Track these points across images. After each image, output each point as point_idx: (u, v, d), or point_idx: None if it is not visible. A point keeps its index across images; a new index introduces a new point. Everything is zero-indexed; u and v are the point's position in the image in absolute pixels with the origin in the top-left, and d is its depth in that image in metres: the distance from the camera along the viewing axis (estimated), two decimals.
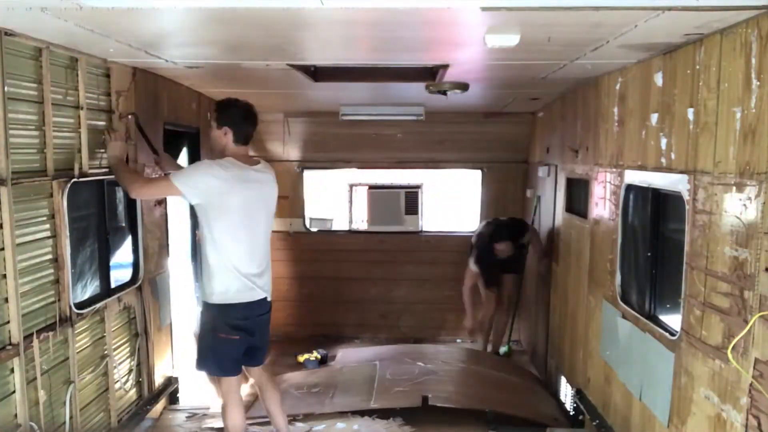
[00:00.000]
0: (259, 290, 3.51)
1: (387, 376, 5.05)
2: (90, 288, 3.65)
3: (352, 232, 7.20)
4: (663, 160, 3.04)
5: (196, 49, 3.38)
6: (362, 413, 4.54)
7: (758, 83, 2.23)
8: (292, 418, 4.41)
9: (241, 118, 3.47)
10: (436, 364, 5.36)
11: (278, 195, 3.70)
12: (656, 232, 3.29)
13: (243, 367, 3.68)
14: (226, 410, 3.59)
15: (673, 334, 2.91)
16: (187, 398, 4.92)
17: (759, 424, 2.20)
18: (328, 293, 6.82)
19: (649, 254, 3.32)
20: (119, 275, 4.06)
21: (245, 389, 4.57)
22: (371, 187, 6.97)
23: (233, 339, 3.47)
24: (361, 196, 7.05)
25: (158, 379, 4.46)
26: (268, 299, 3.60)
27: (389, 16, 2.51)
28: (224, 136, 3.46)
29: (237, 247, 3.43)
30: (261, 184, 3.52)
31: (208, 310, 3.53)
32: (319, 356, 6.01)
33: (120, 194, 4.05)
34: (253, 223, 3.48)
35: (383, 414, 4.56)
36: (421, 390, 4.75)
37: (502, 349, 6.41)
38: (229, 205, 3.37)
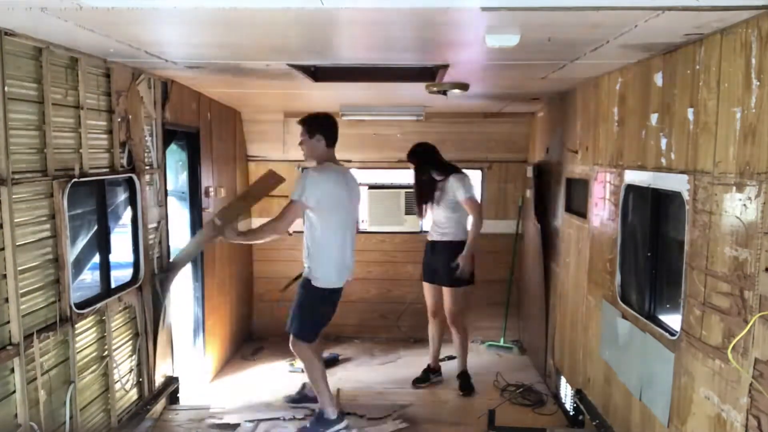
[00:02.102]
0: (347, 281, 4.33)
1: None
2: (90, 288, 3.66)
3: None
4: (663, 160, 3.04)
5: (196, 49, 3.38)
6: None
7: (758, 83, 2.23)
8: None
9: (329, 124, 4.21)
10: None
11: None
12: (656, 232, 3.29)
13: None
14: (315, 365, 4.33)
15: (673, 334, 2.91)
16: (187, 398, 4.92)
17: (759, 424, 2.20)
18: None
19: (649, 254, 3.32)
20: (119, 275, 4.07)
21: None
22: (371, 187, 6.96)
23: (329, 311, 4.33)
24: (361, 196, 7.04)
25: (158, 379, 4.46)
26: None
27: (389, 16, 2.51)
28: (319, 143, 4.17)
29: (338, 241, 4.15)
30: (354, 184, 4.36)
31: (311, 289, 4.18)
32: None
33: (120, 194, 4.06)
34: (349, 218, 4.28)
35: None
36: None
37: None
38: (331, 203, 4.09)
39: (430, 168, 5.29)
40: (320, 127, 4.18)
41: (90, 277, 3.93)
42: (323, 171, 4.14)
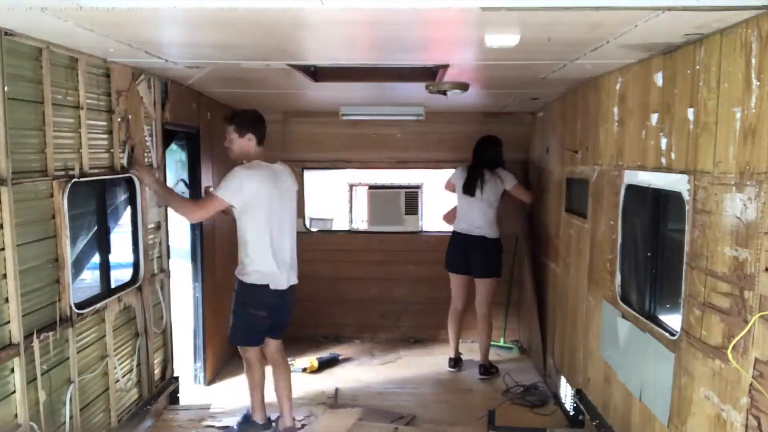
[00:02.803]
0: (284, 283, 4.06)
1: None
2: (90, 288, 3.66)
3: (352, 232, 7.19)
4: (663, 160, 3.04)
5: (196, 49, 3.38)
6: None
7: (758, 83, 2.23)
8: None
9: (257, 122, 4.05)
10: None
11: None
12: (656, 232, 3.29)
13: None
14: (251, 369, 4.22)
15: (673, 334, 2.91)
16: (187, 398, 4.92)
17: (759, 424, 2.20)
18: (328, 293, 6.82)
19: (649, 254, 3.32)
20: (119, 275, 4.07)
21: None
22: (371, 187, 6.96)
23: (262, 315, 4.04)
24: (361, 196, 7.04)
25: (158, 379, 4.47)
26: (294, 284, 4.15)
27: (389, 16, 2.51)
28: (248, 142, 4.02)
29: (268, 238, 3.97)
30: (283, 181, 4.11)
31: (242, 287, 4.05)
32: (316, 364, 5.83)
33: (120, 194, 4.06)
34: (281, 215, 4.05)
35: None
36: None
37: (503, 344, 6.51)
38: (260, 201, 3.92)
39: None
40: (250, 126, 4.00)
41: (90, 277, 3.93)
42: (250, 169, 3.94)
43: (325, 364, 5.93)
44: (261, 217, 3.95)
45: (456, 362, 5.95)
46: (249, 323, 4.08)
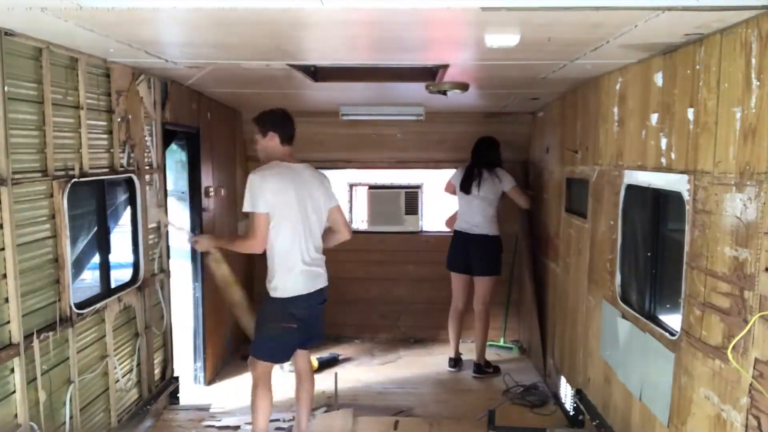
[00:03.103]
0: (315, 284, 3.81)
1: None
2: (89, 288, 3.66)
3: (352, 232, 7.19)
4: (663, 160, 3.04)
5: (196, 49, 3.38)
6: None
7: (758, 83, 2.23)
8: None
9: (282, 120, 3.81)
10: None
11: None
12: (656, 232, 3.29)
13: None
14: (257, 392, 3.87)
15: (673, 334, 2.91)
16: (187, 398, 4.92)
17: (759, 424, 2.20)
18: (329, 293, 6.81)
19: (649, 254, 3.32)
20: (119, 275, 4.07)
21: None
22: (371, 187, 6.96)
23: (293, 328, 3.74)
24: (361, 196, 7.04)
25: (158, 379, 4.47)
26: (324, 288, 3.89)
27: (389, 16, 2.51)
28: (271, 141, 3.78)
29: (291, 241, 3.69)
30: (307, 181, 3.82)
31: (269, 301, 3.77)
32: (316, 364, 5.77)
33: (120, 194, 4.06)
34: (304, 216, 3.74)
35: None
36: None
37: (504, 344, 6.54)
38: (280, 203, 3.64)
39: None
40: (273, 123, 3.79)
41: (90, 277, 3.93)
42: (264, 174, 3.66)
43: (325, 364, 5.93)
44: (284, 225, 3.67)
45: (456, 362, 5.95)
46: (273, 337, 3.77)
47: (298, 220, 3.70)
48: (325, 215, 3.90)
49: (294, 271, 3.71)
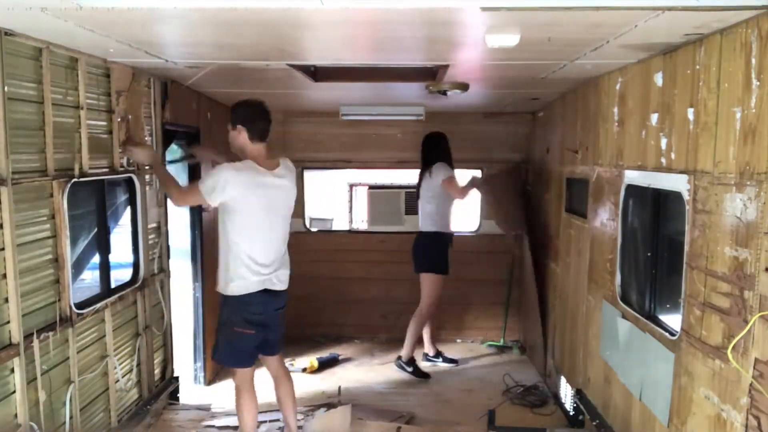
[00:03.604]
0: (274, 283, 3.66)
1: None
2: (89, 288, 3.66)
3: (352, 232, 7.20)
4: (663, 160, 3.04)
5: (196, 49, 3.38)
6: None
7: (758, 83, 2.23)
8: None
9: (253, 114, 3.62)
10: None
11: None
12: (656, 232, 3.29)
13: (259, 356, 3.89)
14: (239, 400, 3.80)
15: (673, 334, 2.91)
16: (187, 398, 4.92)
17: (759, 424, 2.20)
18: (328, 293, 6.82)
19: (649, 254, 3.32)
20: (119, 275, 4.07)
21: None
22: (371, 187, 6.97)
23: (248, 333, 3.64)
24: (361, 196, 7.04)
25: (158, 379, 4.47)
26: (283, 291, 3.76)
27: (389, 16, 2.51)
28: (239, 135, 3.61)
29: (250, 244, 3.57)
30: (276, 189, 3.65)
31: (226, 303, 3.67)
32: (316, 364, 5.84)
33: (120, 194, 4.06)
34: (266, 224, 3.62)
35: None
36: None
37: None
38: (242, 207, 3.54)
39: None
40: (243, 117, 3.61)
41: (90, 277, 3.93)
42: (239, 171, 3.52)
43: (325, 364, 5.94)
44: (244, 225, 3.56)
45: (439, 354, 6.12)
46: (235, 343, 3.66)
47: (256, 225, 3.58)
48: (289, 218, 3.81)
49: (250, 271, 3.57)
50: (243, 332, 3.63)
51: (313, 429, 4.39)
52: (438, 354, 6.08)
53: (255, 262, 3.58)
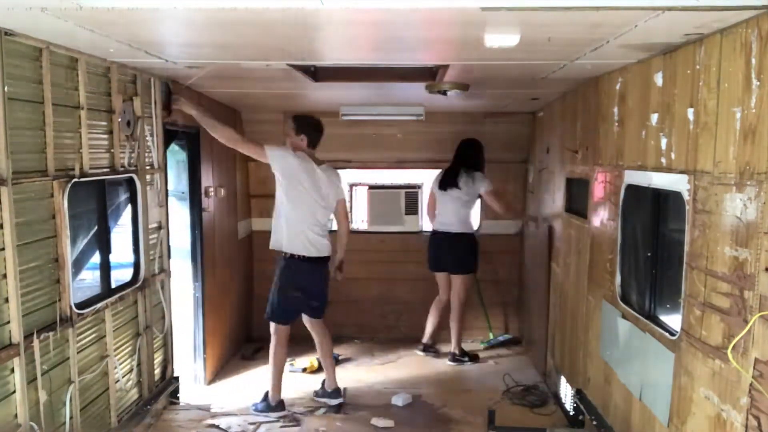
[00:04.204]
0: (319, 250, 4.62)
1: None
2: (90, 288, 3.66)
3: (352, 232, 7.17)
4: (663, 160, 3.04)
5: (196, 49, 3.38)
6: None
7: (758, 83, 2.23)
8: None
9: (314, 130, 4.65)
10: None
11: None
12: (656, 232, 3.29)
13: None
14: (276, 349, 4.74)
15: (673, 334, 2.91)
16: (187, 398, 4.92)
17: (759, 424, 2.20)
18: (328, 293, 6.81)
19: (649, 254, 3.32)
20: (120, 275, 4.07)
21: None
22: (371, 187, 6.96)
23: (296, 296, 4.63)
24: (361, 196, 7.04)
25: (158, 379, 4.47)
26: (326, 258, 4.70)
27: (389, 16, 2.51)
28: (301, 142, 4.60)
29: (302, 212, 4.52)
30: (320, 178, 4.60)
31: (280, 265, 4.63)
32: (316, 364, 5.82)
33: (120, 194, 4.06)
34: (312, 200, 4.56)
35: None
36: None
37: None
38: (297, 181, 4.48)
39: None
40: (306, 129, 4.61)
41: (90, 277, 3.93)
42: (296, 154, 4.52)
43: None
44: (292, 197, 4.48)
45: (427, 348, 6.29)
46: (282, 299, 4.61)
47: (305, 201, 4.51)
48: (332, 205, 4.71)
49: (297, 237, 4.51)
50: (291, 287, 4.59)
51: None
52: (464, 353, 6.18)
53: (301, 235, 4.51)
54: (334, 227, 4.95)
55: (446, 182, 5.95)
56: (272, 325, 4.73)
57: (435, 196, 6.13)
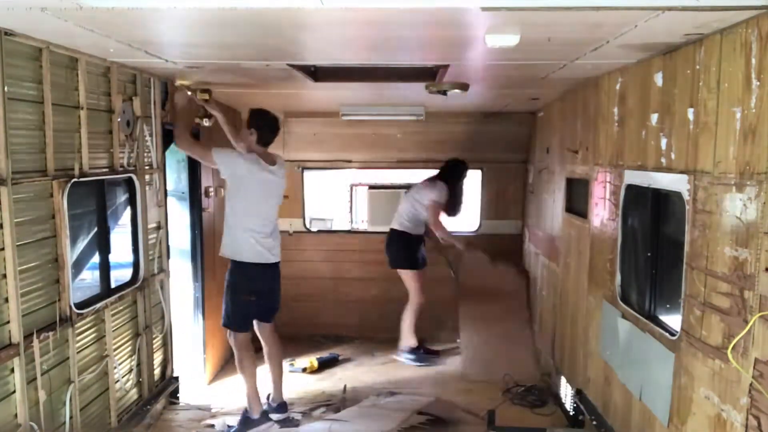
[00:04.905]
0: (269, 257, 4.42)
1: None
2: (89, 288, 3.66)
3: (352, 232, 7.20)
4: (663, 160, 3.04)
5: (196, 49, 3.38)
6: None
7: (758, 83, 2.23)
8: None
9: (267, 126, 4.46)
10: None
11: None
12: (656, 232, 3.29)
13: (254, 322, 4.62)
14: (243, 360, 4.52)
15: (673, 334, 2.91)
16: (187, 398, 4.92)
17: (759, 424, 2.20)
18: (328, 293, 6.82)
19: (649, 254, 3.32)
20: (119, 275, 4.07)
21: None
22: (371, 187, 6.97)
23: (250, 300, 4.41)
24: (361, 196, 7.04)
25: (158, 379, 4.46)
26: (276, 264, 4.50)
27: (389, 16, 2.51)
28: (250, 136, 4.42)
29: (250, 216, 4.35)
30: (271, 179, 4.44)
31: (230, 271, 4.42)
32: (316, 364, 5.85)
33: (120, 194, 4.06)
34: (262, 202, 4.42)
35: None
36: None
37: None
38: (245, 185, 4.33)
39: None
40: (258, 124, 4.43)
41: (90, 277, 3.93)
42: (245, 156, 4.39)
43: (325, 364, 5.94)
44: (239, 201, 4.33)
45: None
46: (237, 303, 4.40)
47: (254, 201, 4.36)
48: (279, 203, 4.60)
49: (243, 241, 4.33)
50: (243, 290, 4.38)
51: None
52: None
53: (255, 232, 4.33)
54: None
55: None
56: (231, 333, 4.53)
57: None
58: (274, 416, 4.61)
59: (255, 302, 4.44)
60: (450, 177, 6.03)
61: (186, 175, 5.13)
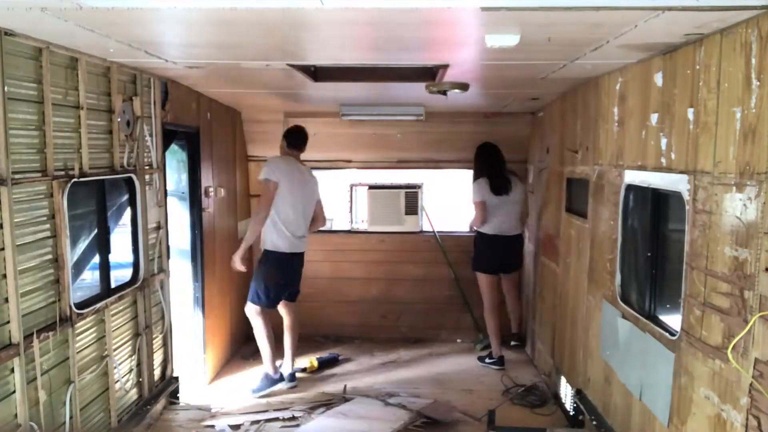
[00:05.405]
0: (300, 246, 5.22)
1: None
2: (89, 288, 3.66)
3: (352, 232, 7.19)
4: (663, 160, 3.04)
5: (197, 49, 3.38)
6: None
7: (758, 83, 2.23)
8: None
9: (291, 134, 5.28)
10: None
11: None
12: (656, 232, 3.29)
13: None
14: (261, 328, 5.16)
15: (673, 334, 2.91)
16: (187, 398, 4.92)
17: (759, 424, 2.20)
18: (328, 293, 6.82)
19: (649, 254, 3.32)
20: (119, 275, 4.07)
21: None
22: (371, 187, 6.96)
23: (280, 282, 5.17)
24: (361, 196, 7.04)
25: (158, 379, 4.46)
26: (303, 253, 5.30)
27: (389, 16, 2.51)
28: (282, 143, 5.27)
29: (287, 215, 5.05)
30: (303, 177, 5.19)
31: (267, 259, 5.10)
32: (316, 364, 5.85)
33: (120, 194, 4.06)
34: (297, 200, 5.11)
35: None
36: None
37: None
38: (286, 183, 5.03)
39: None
40: (286, 134, 5.32)
41: (90, 277, 3.93)
42: (280, 157, 5.18)
43: (325, 364, 5.94)
44: (287, 198, 5.01)
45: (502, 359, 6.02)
46: (267, 283, 5.10)
47: (297, 198, 5.08)
48: (314, 204, 5.32)
49: (286, 236, 5.05)
50: (275, 275, 5.12)
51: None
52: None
53: (289, 233, 5.07)
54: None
55: (499, 188, 5.86)
56: (257, 308, 5.14)
57: (486, 204, 5.89)
58: (286, 385, 5.30)
59: (284, 285, 5.22)
60: (482, 165, 5.93)
61: (186, 175, 5.14)
